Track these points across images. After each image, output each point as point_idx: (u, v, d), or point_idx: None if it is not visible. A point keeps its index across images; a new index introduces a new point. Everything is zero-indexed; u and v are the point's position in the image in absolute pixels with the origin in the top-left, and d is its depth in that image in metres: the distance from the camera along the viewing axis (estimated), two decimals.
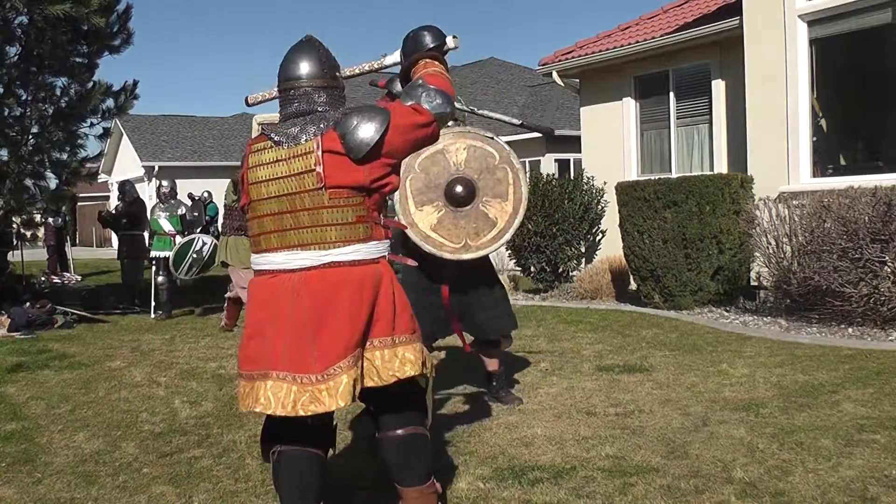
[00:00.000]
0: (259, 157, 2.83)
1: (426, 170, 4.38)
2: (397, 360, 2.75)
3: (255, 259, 2.87)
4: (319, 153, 2.69)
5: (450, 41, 3.31)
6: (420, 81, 2.93)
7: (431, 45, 3.24)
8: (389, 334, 2.76)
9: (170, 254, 9.74)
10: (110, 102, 10.87)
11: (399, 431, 2.84)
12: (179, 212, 10.36)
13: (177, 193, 10.78)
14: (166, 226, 10.18)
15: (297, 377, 2.65)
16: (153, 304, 10.01)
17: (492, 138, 4.48)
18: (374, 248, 2.78)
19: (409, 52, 3.28)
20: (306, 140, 2.72)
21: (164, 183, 10.65)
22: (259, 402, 2.69)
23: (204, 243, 9.68)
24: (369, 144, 2.69)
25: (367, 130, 2.68)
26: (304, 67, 2.83)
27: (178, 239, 9.95)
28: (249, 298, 2.88)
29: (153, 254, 10.21)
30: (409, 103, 2.83)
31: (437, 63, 3.09)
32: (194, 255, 9.56)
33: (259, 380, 2.72)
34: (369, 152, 2.69)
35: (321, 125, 2.73)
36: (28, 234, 12.37)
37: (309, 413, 2.63)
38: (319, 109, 2.79)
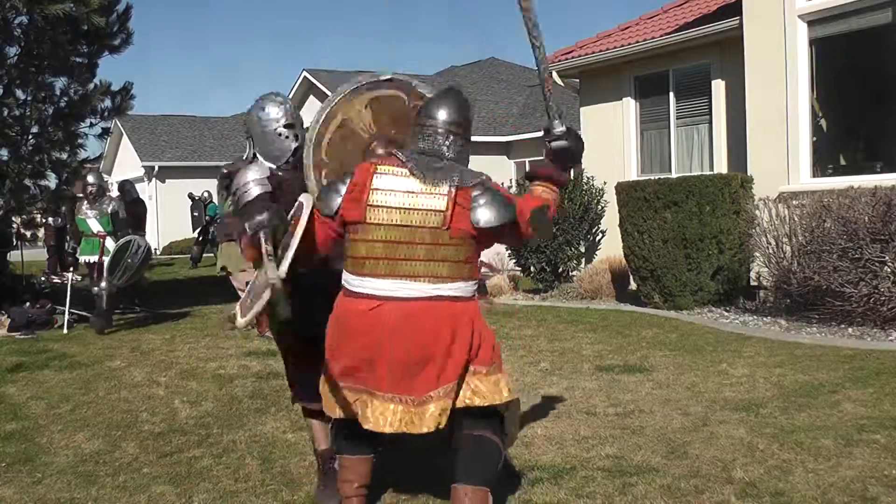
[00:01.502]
0: (388, 181, 2.94)
1: (339, 153, 3.57)
2: (470, 389, 2.94)
3: (354, 281, 2.95)
4: (451, 202, 2.91)
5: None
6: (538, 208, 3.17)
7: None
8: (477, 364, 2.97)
9: (97, 258, 8.95)
10: (109, 102, 10.87)
11: (475, 432, 2.96)
12: (109, 210, 9.18)
13: (106, 191, 9.52)
14: (95, 226, 9.07)
15: (401, 398, 2.89)
16: (66, 313, 9.08)
17: (389, 79, 3.70)
18: (472, 287, 3.02)
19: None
20: (443, 184, 2.92)
21: (90, 179, 9.30)
22: (368, 420, 2.90)
23: (139, 246, 8.87)
24: (491, 225, 2.95)
25: (493, 216, 2.95)
26: (446, 112, 3.07)
27: (109, 241, 9.01)
28: (344, 324, 2.95)
29: (82, 259, 9.22)
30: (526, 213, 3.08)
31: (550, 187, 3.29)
32: (129, 261, 8.75)
33: (365, 395, 2.94)
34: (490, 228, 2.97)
35: (456, 178, 2.93)
36: (28, 234, 12.38)
37: (404, 431, 2.88)
38: (450, 157, 3.02)
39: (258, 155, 3.67)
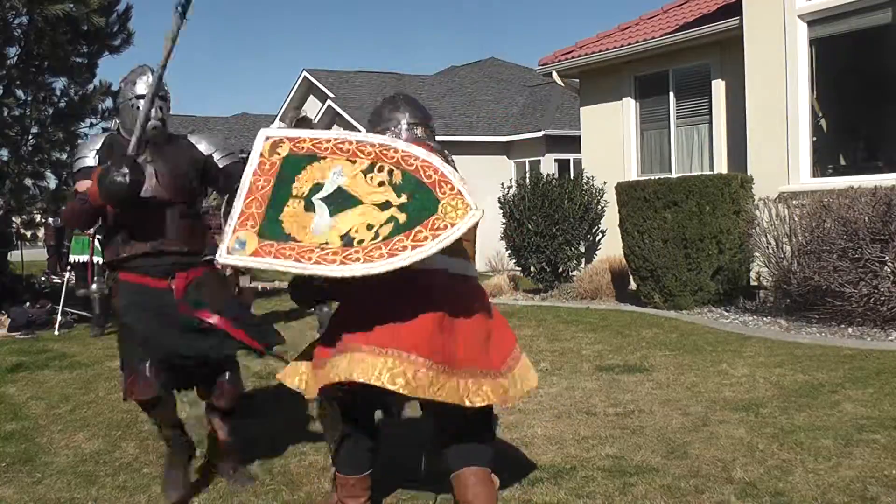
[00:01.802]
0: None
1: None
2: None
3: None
4: None
5: None
6: None
7: None
8: None
9: (88, 258, 8.82)
10: (110, 102, 10.89)
11: (467, 429, 2.95)
12: None
13: None
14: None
15: (484, 371, 2.89)
16: (59, 317, 8.98)
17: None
18: None
19: None
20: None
21: None
22: (468, 398, 2.78)
23: None
24: None
25: None
26: (416, 111, 3.21)
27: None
28: (422, 297, 2.78)
29: (72, 258, 9.15)
30: None
31: None
32: None
33: (446, 374, 2.76)
34: None
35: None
36: (28, 234, 12.40)
37: (495, 402, 2.88)
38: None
39: (120, 126, 3.72)
